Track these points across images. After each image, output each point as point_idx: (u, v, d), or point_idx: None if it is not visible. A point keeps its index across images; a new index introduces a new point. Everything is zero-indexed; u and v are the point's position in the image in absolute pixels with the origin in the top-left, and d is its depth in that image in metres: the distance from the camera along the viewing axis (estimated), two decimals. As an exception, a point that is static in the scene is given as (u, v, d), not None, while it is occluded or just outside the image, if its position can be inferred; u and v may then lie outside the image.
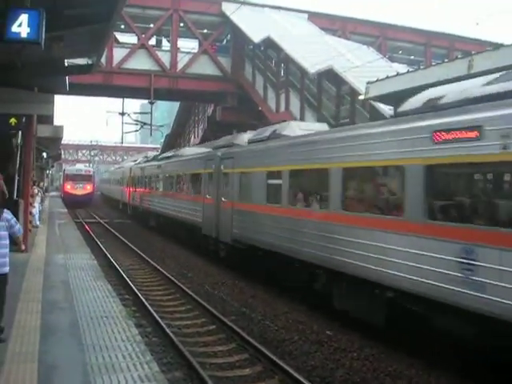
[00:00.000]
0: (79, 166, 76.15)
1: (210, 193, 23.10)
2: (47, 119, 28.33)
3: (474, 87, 10.68)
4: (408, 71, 19.89)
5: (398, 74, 19.20)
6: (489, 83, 10.47)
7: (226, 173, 21.15)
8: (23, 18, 9.98)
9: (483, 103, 9.37)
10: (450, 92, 11.09)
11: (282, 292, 16.47)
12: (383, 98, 19.95)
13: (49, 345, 8.79)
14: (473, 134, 9.05)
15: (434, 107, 10.80)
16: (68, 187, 63.36)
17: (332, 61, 28.93)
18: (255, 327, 13.05)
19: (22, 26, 9.99)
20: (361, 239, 11.94)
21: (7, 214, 9.39)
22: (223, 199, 21.29)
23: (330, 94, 33.59)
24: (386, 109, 22.27)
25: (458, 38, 49.10)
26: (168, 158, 34.54)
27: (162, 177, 34.92)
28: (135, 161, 54.42)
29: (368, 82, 20.21)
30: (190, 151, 30.90)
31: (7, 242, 9.20)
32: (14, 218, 9.59)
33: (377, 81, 19.58)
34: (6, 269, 9.11)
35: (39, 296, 12.40)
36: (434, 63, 21.97)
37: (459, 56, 19.44)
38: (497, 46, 15.73)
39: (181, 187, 29.53)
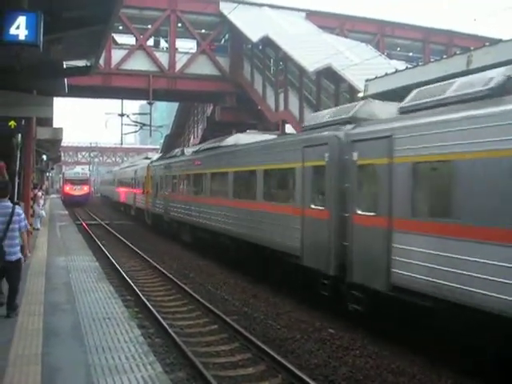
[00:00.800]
0: (77, 169, 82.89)
1: (320, 200, 14.02)
2: (46, 121, 28.35)
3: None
4: (407, 68, 19.92)
5: (396, 71, 19.23)
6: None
7: (369, 165, 12.30)
8: (21, 20, 9.99)
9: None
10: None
11: (284, 291, 16.46)
12: (382, 96, 19.96)
13: (51, 347, 8.79)
14: None
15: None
16: (67, 189, 71.30)
17: (330, 59, 28.96)
18: (257, 326, 13.05)
19: (19, 29, 10.00)
20: None
21: (19, 209, 10.79)
22: (360, 212, 12.24)
23: (328, 93, 33.60)
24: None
25: (456, 34, 49.04)
26: (212, 149, 24.71)
27: (205, 176, 24.44)
28: (148, 158, 46.43)
29: (367, 80, 20.24)
30: (249, 138, 21.73)
31: (17, 233, 10.51)
32: (24, 215, 10.96)
33: (375, 78, 19.62)
34: (13, 257, 10.44)
35: (41, 298, 12.39)
36: (432, 59, 21.97)
37: (458, 52, 19.46)
38: (495, 42, 15.74)
39: (244, 190, 19.70)
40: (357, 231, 12.34)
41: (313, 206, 14.30)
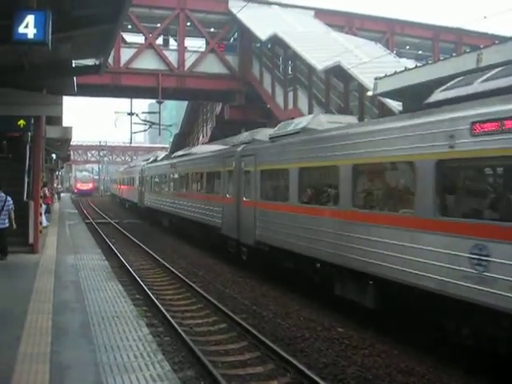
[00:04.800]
0: (84, 173, 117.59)
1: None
2: (56, 120, 28.41)
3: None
4: (416, 66, 19.79)
5: (405, 70, 19.11)
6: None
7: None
8: (29, 18, 10.04)
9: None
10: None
11: (292, 290, 16.44)
12: (391, 94, 19.86)
13: (60, 345, 8.80)
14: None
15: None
16: (78, 185, 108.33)
17: (339, 57, 28.89)
18: (266, 325, 13.03)
19: (28, 27, 10.06)
20: None
21: (9, 197, 16.95)
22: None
23: (338, 91, 33.54)
24: (395, 104, 22.18)
25: (466, 32, 48.79)
26: None
27: None
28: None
29: (376, 78, 20.13)
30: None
31: (6, 213, 16.88)
32: (12, 201, 17.12)
33: (385, 76, 19.48)
34: (3, 226, 16.85)
35: (50, 297, 12.42)
36: (441, 58, 21.86)
37: (467, 50, 19.35)
38: (505, 40, 15.64)
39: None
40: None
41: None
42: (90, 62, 19.86)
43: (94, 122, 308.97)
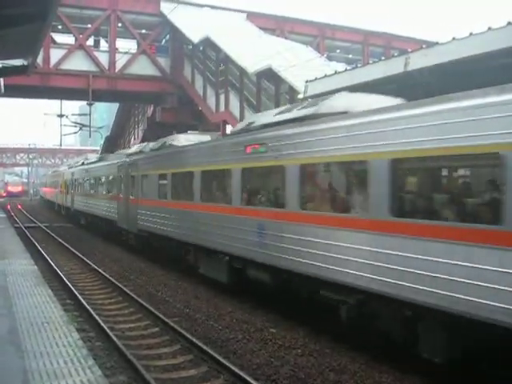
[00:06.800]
0: (15, 178, 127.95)
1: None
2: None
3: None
4: (346, 69, 20.14)
5: (335, 73, 19.41)
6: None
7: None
8: (-48, 18, 9.76)
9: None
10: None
11: (226, 291, 16.46)
12: (321, 97, 20.10)
13: (-13, 353, 8.58)
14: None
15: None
16: (9, 188, 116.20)
17: (271, 60, 29.09)
18: (199, 328, 13.01)
19: (-49, 26, 9.77)
20: None
21: None
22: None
23: (269, 93, 33.75)
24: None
25: (395, 37, 50.12)
26: None
27: None
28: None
29: (306, 81, 20.37)
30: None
31: None
32: None
33: (315, 79, 19.75)
34: None
35: (-24, 304, 12.10)
36: (371, 61, 22.30)
37: (396, 54, 19.79)
38: (432, 44, 16.05)
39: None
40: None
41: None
42: (17, 62, 19.46)
43: (22, 123, 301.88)
